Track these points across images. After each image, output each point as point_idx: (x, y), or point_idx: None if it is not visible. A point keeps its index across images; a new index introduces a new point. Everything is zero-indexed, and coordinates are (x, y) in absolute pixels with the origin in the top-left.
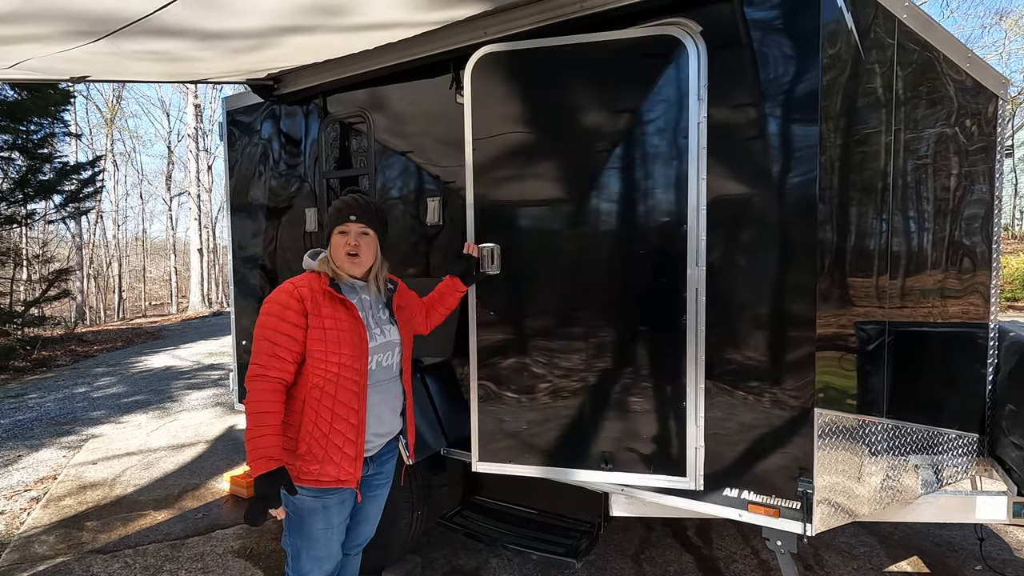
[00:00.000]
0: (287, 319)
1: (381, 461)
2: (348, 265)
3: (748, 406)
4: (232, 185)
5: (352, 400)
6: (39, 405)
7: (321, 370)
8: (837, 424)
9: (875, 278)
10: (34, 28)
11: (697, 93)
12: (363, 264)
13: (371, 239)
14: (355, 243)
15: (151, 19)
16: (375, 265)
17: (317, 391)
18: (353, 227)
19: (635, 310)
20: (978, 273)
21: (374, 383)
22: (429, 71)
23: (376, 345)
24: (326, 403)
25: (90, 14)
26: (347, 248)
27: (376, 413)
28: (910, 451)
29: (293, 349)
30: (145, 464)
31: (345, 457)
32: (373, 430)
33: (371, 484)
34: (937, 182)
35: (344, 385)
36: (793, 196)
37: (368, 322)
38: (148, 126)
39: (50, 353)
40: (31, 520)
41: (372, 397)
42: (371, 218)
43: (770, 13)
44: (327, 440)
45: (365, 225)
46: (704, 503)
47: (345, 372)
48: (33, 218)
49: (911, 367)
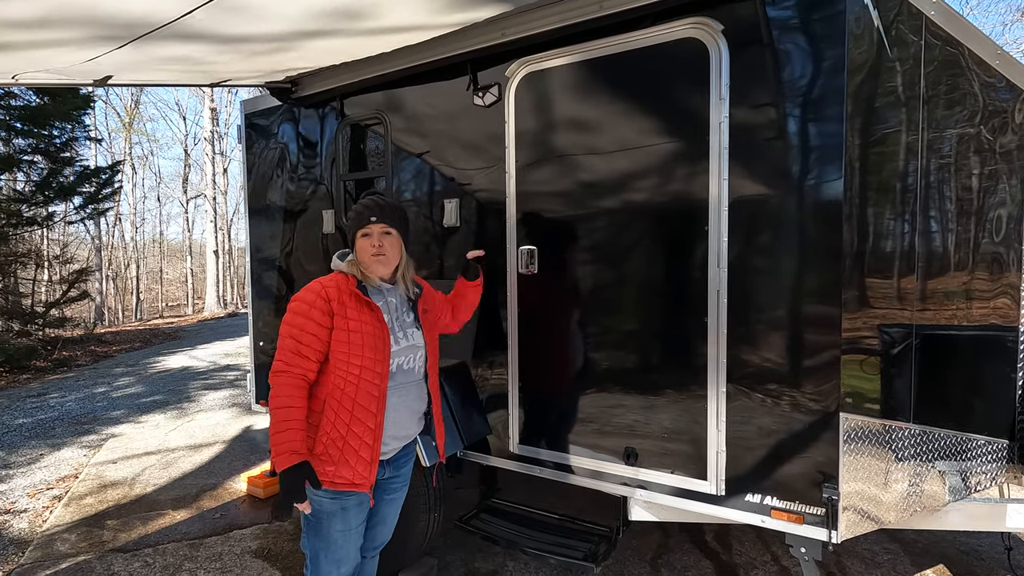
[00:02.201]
0: (313, 318)
1: (398, 465)
2: (375, 266)
3: (771, 410)
4: (250, 187)
5: (371, 403)
6: (60, 405)
7: (343, 371)
8: (863, 429)
9: (901, 280)
10: (62, 33)
11: (719, 92)
12: (390, 263)
13: (394, 238)
14: (379, 243)
15: (175, 25)
16: (401, 264)
17: (338, 392)
18: (375, 228)
19: (657, 310)
20: (1007, 275)
21: (395, 386)
22: (447, 73)
23: (399, 348)
24: (346, 404)
25: (116, 19)
26: (372, 249)
27: (395, 417)
28: (937, 457)
29: (317, 348)
30: (164, 464)
31: (360, 460)
32: (391, 433)
33: (388, 487)
34: (963, 182)
35: (364, 388)
36: (818, 196)
37: (392, 325)
38: (165, 129)
39: (70, 353)
40: (53, 518)
41: (392, 400)
42: (392, 218)
43: (794, 10)
44: (344, 442)
45: (387, 225)
46: (725, 508)
47: (365, 375)
48: (53, 220)
49: (938, 371)
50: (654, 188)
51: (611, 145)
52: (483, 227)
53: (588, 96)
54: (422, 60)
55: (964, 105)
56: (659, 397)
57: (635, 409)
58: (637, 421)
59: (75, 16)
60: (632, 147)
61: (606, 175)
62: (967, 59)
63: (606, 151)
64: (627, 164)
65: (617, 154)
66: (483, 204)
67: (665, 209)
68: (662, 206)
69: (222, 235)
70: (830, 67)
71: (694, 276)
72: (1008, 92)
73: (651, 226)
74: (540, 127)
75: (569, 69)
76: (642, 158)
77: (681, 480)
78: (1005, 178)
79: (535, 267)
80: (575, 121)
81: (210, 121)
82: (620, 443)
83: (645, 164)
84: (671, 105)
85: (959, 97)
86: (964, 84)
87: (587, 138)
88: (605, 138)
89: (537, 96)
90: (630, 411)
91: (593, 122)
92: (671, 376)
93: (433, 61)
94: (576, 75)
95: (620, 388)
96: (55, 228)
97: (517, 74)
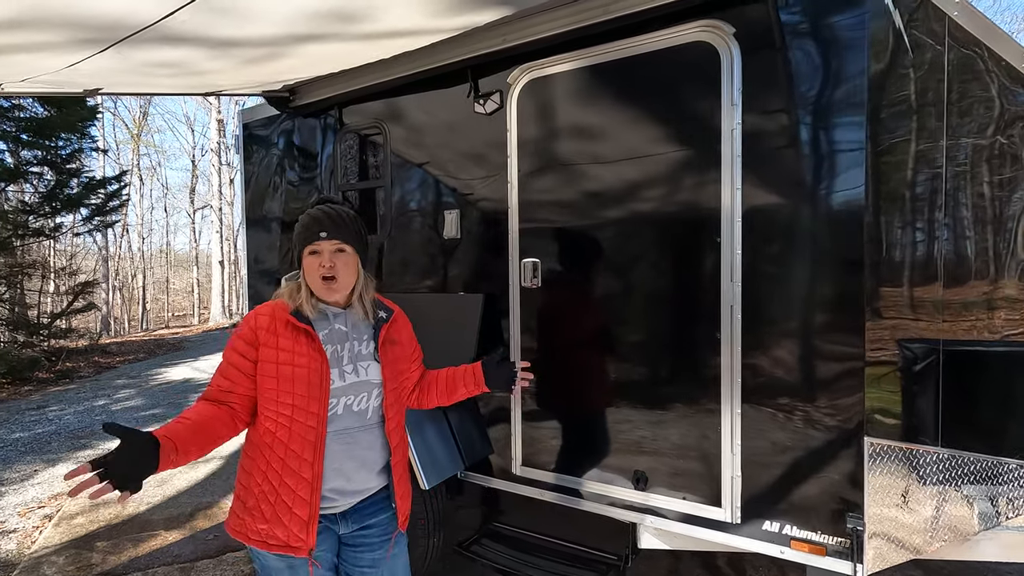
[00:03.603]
0: (236, 348)
1: (362, 516)
2: (324, 291)
3: (790, 432)
4: (248, 198)
5: (306, 450)
6: (59, 418)
7: (272, 412)
8: (889, 453)
9: (927, 294)
10: (38, 36)
11: (731, 98)
12: (342, 288)
13: (349, 256)
14: (330, 264)
15: (160, 27)
16: (358, 285)
17: (269, 436)
18: (325, 245)
19: (667, 326)
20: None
21: (339, 432)
22: (446, 80)
23: (344, 385)
24: (278, 452)
25: (95, 21)
26: (321, 271)
27: (337, 467)
28: (967, 482)
29: (238, 381)
30: (158, 481)
31: (295, 519)
32: (332, 485)
33: (361, 543)
34: (992, 190)
35: (297, 431)
36: (838, 205)
37: (337, 356)
38: (173, 141)
39: (73, 364)
40: (42, 539)
41: (334, 447)
42: (346, 232)
43: (811, 12)
44: (276, 496)
45: (340, 241)
46: (741, 537)
47: (298, 415)
48: (60, 231)
49: (968, 390)
50: (663, 197)
51: (618, 153)
52: (485, 239)
53: (593, 103)
54: (421, 67)
55: (994, 109)
56: (670, 418)
57: (645, 431)
58: (647, 443)
59: (48, 17)
60: (640, 155)
61: (613, 184)
62: (991, 62)
63: (613, 159)
64: (635, 173)
65: (624, 162)
66: (485, 215)
67: (675, 220)
68: (671, 216)
69: (228, 245)
70: (850, 70)
71: (706, 290)
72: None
73: (660, 237)
74: (543, 135)
75: (573, 75)
76: (650, 166)
77: (694, 506)
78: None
79: (538, 280)
80: (580, 128)
81: (217, 132)
82: (629, 466)
83: (653, 172)
84: (680, 111)
85: (988, 101)
86: (991, 88)
87: (592, 146)
88: (611, 146)
89: (540, 103)
90: (639, 433)
91: (599, 129)
92: (682, 395)
93: (432, 68)
94: (581, 81)
95: (629, 408)
96: (62, 239)
97: (519, 81)
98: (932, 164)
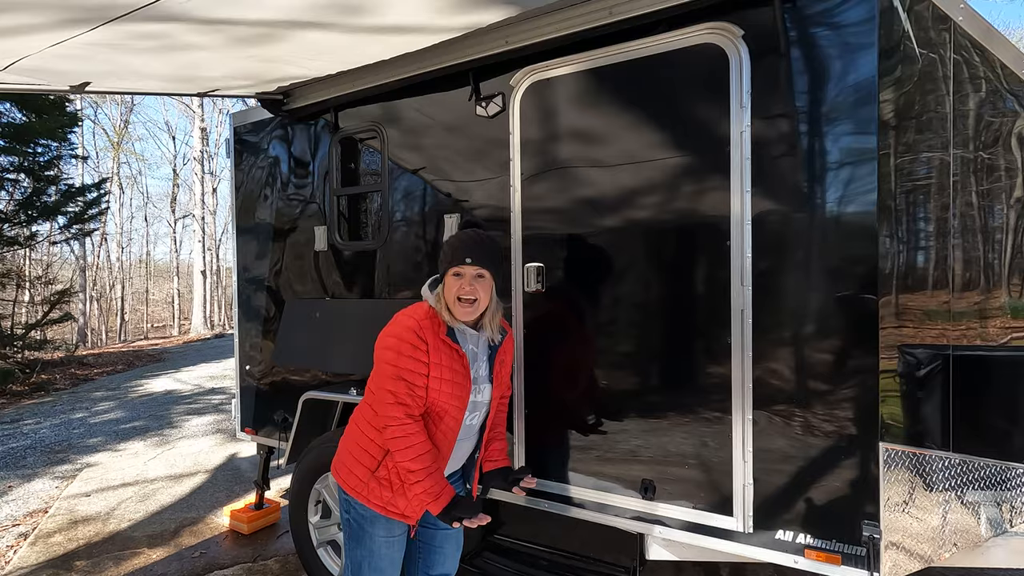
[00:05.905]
0: (417, 358)
1: None
2: (459, 310)
3: (803, 439)
4: (238, 204)
5: (444, 445)
6: (34, 432)
7: (430, 408)
8: (905, 460)
9: (941, 299)
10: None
11: (740, 101)
12: (477, 311)
13: (487, 282)
14: (470, 287)
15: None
16: (490, 308)
17: None
18: (468, 270)
19: (676, 331)
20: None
21: (461, 437)
22: (447, 82)
23: (472, 402)
24: None
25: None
26: (460, 292)
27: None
28: (982, 488)
29: (421, 385)
30: (141, 496)
31: None
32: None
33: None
34: (1004, 195)
35: (442, 429)
36: (851, 208)
37: (474, 377)
38: (154, 149)
39: (49, 377)
40: (17, 559)
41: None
42: (489, 260)
43: (821, 13)
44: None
45: (481, 268)
46: (753, 547)
47: (447, 419)
48: (36, 239)
49: (982, 395)
50: (671, 202)
51: (624, 157)
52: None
53: (598, 105)
54: (421, 69)
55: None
56: (678, 424)
57: (652, 438)
58: (655, 451)
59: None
60: (646, 159)
61: (619, 188)
62: (998, 69)
63: (618, 163)
64: (641, 176)
65: (630, 166)
66: (486, 219)
67: (683, 224)
68: (680, 221)
69: (210, 255)
70: (860, 72)
71: (715, 295)
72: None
73: (668, 242)
74: (547, 138)
75: (578, 77)
76: (657, 170)
77: (704, 516)
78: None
79: (542, 286)
80: (584, 132)
81: (200, 140)
82: (636, 475)
83: (660, 176)
84: (688, 114)
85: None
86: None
87: (597, 150)
88: (617, 149)
89: (543, 106)
90: (647, 440)
91: (604, 133)
92: (691, 402)
93: (433, 70)
94: (585, 84)
95: (635, 415)
96: (38, 248)
97: (522, 83)
98: (943, 168)
